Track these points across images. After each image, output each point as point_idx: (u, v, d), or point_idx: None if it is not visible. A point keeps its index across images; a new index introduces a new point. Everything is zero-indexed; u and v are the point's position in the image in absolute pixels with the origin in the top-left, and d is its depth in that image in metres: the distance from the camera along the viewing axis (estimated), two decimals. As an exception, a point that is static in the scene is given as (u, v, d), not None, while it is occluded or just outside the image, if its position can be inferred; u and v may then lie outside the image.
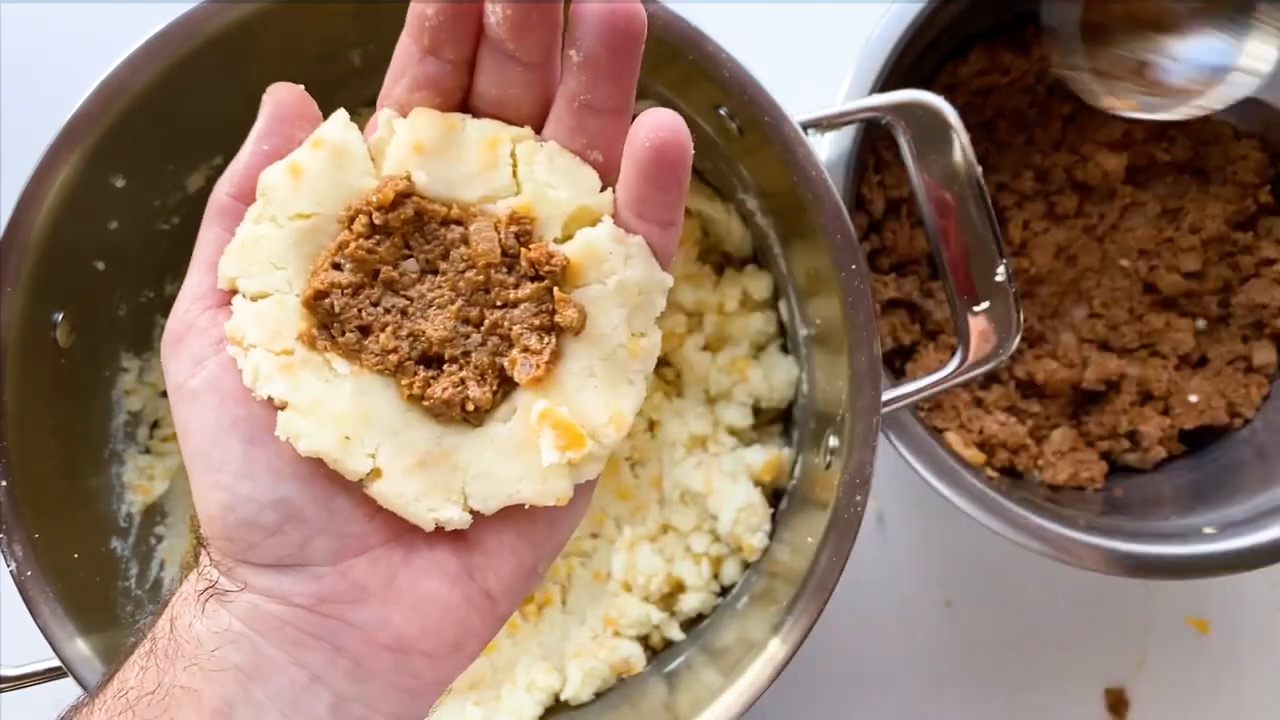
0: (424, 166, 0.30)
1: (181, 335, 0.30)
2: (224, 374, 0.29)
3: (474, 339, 0.30)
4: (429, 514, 0.30)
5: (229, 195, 0.31)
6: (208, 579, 0.29)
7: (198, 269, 0.31)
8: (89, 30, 0.63)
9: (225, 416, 0.29)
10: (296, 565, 0.29)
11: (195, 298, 0.30)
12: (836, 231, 0.45)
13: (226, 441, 0.29)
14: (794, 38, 0.65)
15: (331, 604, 0.29)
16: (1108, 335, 0.64)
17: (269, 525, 0.29)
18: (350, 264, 0.30)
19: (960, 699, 0.65)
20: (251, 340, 0.29)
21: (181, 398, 0.29)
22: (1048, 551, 0.52)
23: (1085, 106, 0.65)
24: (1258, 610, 0.66)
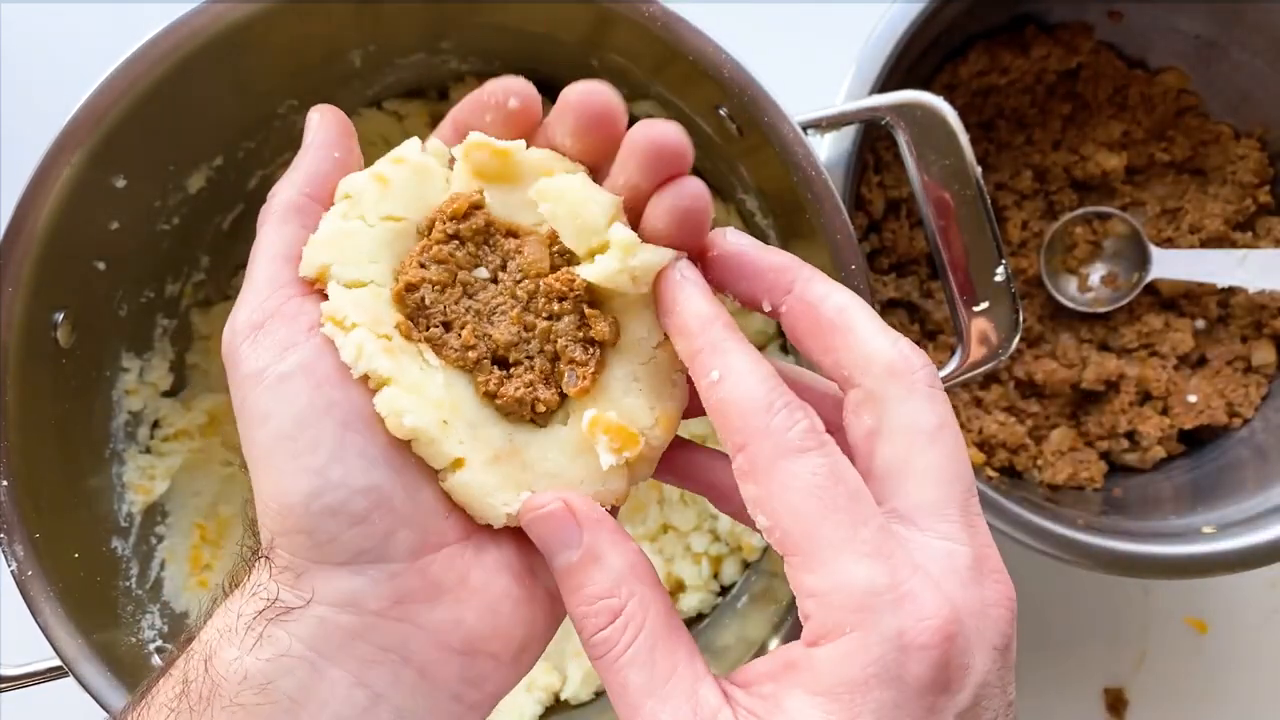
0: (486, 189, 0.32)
1: (262, 322, 0.29)
2: (318, 358, 0.29)
3: (534, 344, 0.31)
4: (503, 508, 0.30)
5: (306, 195, 0.31)
6: (264, 598, 0.28)
7: (272, 261, 0.31)
8: (89, 30, 0.63)
9: (320, 399, 0.28)
10: (376, 562, 0.29)
11: (277, 285, 0.30)
12: (836, 231, 0.45)
13: (320, 424, 0.28)
14: (794, 38, 0.65)
15: (407, 604, 0.29)
16: (1107, 335, 0.64)
17: (357, 513, 0.28)
18: (435, 264, 0.31)
19: (960, 699, 0.65)
20: (354, 320, 0.29)
21: (262, 383, 0.29)
22: (1048, 551, 0.53)
23: (1085, 106, 0.65)
24: (1257, 610, 0.66)
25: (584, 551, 0.29)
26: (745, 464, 0.28)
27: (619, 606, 0.29)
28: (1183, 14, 0.62)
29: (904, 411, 0.28)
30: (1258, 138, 0.64)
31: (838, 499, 0.27)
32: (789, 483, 0.27)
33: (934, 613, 0.26)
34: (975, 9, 0.58)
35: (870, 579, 0.26)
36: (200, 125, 0.49)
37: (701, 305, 0.30)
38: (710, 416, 0.29)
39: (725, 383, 0.28)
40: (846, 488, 0.27)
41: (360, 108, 0.56)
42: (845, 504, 0.27)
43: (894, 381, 0.28)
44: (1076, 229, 0.64)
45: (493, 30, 0.50)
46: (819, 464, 0.27)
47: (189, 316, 0.56)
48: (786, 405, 0.28)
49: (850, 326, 0.29)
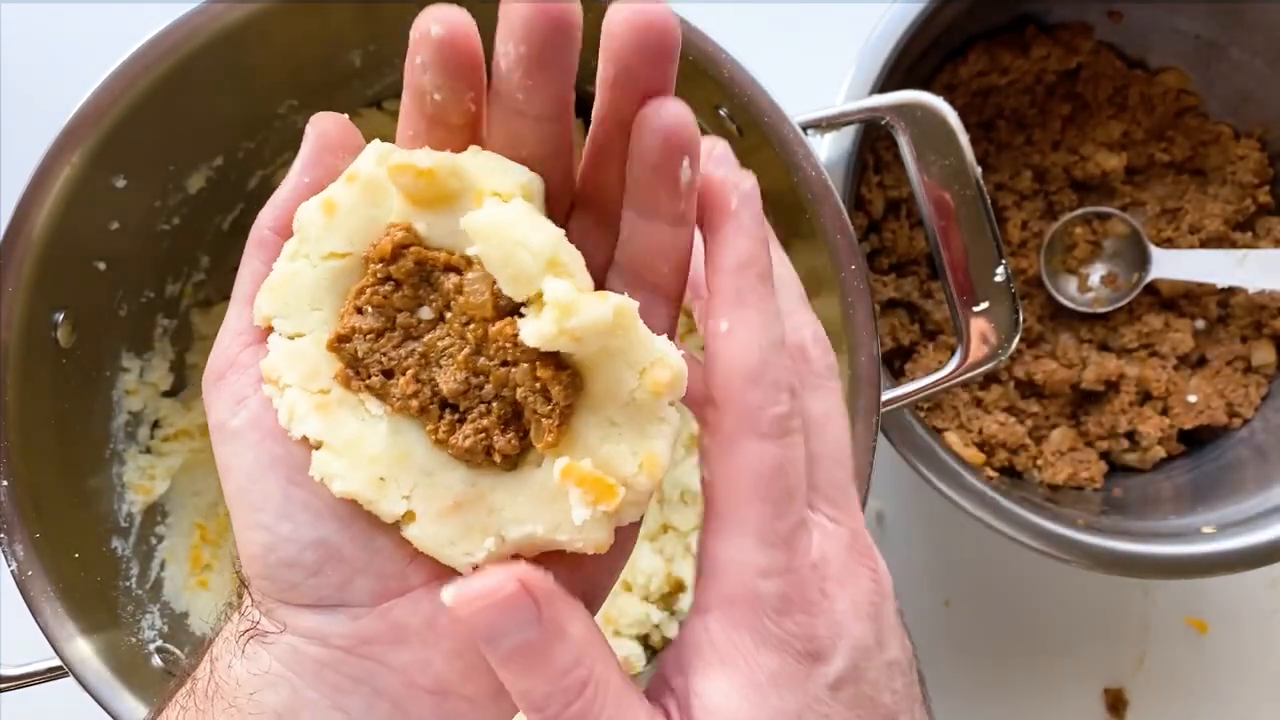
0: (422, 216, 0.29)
1: (223, 372, 0.29)
2: (264, 412, 0.29)
3: (488, 389, 0.29)
4: (465, 558, 0.29)
5: (269, 229, 0.30)
6: (249, 620, 0.29)
7: (237, 304, 0.30)
8: (89, 30, 0.63)
9: (265, 455, 0.28)
10: (336, 605, 0.29)
11: (236, 333, 0.30)
12: (836, 231, 0.45)
13: (266, 480, 0.28)
14: (794, 38, 0.65)
15: (371, 645, 0.29)
16: (1107, 335, 0.64)
17: (309, 565, 0.28)
18: (371, 309, 0.29)
19: (960, 699, 0.65)
20: (287, 380, 0.29)
21: (222, 436, 0.29)
22: (1047, 551, 0.53)
23: (1085, 106, 0.65)
24: (1257, 610, 0.66)
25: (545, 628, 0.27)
26: (714, 421, 0.28)
27: (587, 676, 0.27)
28: (1183, 14, 0.62)
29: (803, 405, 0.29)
30: (1257, 138, 0.64)
31: (771, 491, 0.28)
32: (738, 459, 0.28)
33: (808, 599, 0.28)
34: (975, 9, 0.58)
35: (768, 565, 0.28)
36: (200, 125, 0.49)
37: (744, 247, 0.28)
38: (705, 358, 0.29)
39: (729, 339, 0.28)
40: (784, 484, 0.28)
41: (360, 108, 0.56)
42: (776, 498, 0.28)
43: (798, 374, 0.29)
44: (1076, 229, 0.64)
45: (492, 31, 0.50)
46: (771, 455, 0.28)
47: (189, 316, 0.56)
48: (773, 384, 0.28)
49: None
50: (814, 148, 0.45)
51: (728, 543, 0.28)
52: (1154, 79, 0.64)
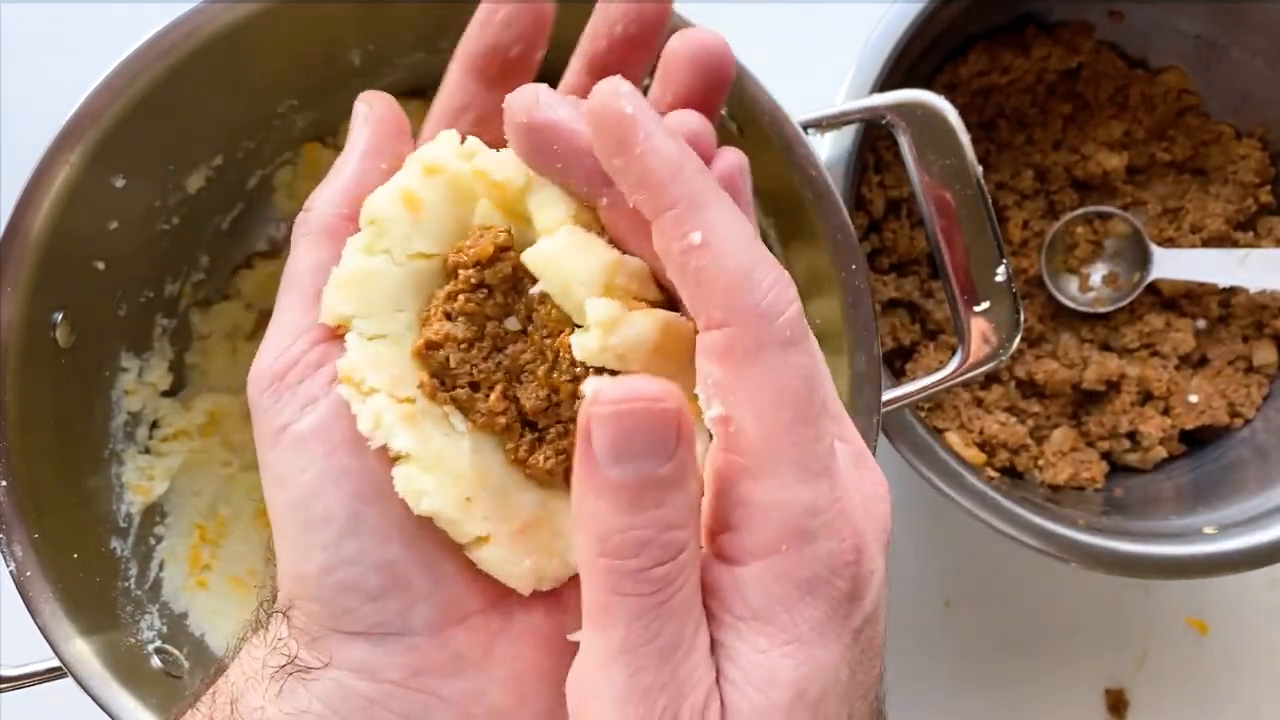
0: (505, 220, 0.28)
1: (284, 372, 0.27)
2: (335, 420, 0.26)
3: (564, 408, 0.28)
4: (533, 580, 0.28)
5: (342, 216, 0.28)
6: (284, 653, 0.27)
7: (300, 297, 0.28)
8: (89, 30, 0.63)
9: (334, 467, 0.26)
10: (393, 635, 0.26)
11: (300, 331, 0.27)
12: (836, 231, 0.45)
13: (332, 495, 0.26)
14: (794, 38, 0.65)
15: (427, 677, 0.27)
16: (1108, 335, 0.64)
17: (371, 590, 0.26)
18: (461, 317, 0.27)
19: (960, 699, 0.65)
20: (372, 384, 0.27)
21: (282, 442, 0.26)
22: (1048, 551, 0.52)
23: (1085, 106, 0.65)
24: (1258, 610, 0.66)
25: (675, 467, 0.23)
26: (721, 344, 0.24)
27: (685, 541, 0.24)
28: (1184, 14, 0.62)
29: None
30: (1259, 137, 0.64)
31: (809, 410, 0.24)
32: (766, 380, 0.24)
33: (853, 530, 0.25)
34: (975, 9, 0.58)
35: (814, 501, 0.24)
36: (200, 125, 0.49)
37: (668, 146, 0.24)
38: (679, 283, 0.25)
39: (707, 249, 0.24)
40: (818, 396, 0.24)
41: (360, 108, 0.56)
42: (814, 416, 0.24)
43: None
44: (1077, 229, 0.64)
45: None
46: (803, 364, 0.24)
47: (188, 316, 0.56)
48: (777, 281, 0.24)
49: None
50: (814, 148, 0.45)
51: (767, 482, 0.24)
52: (1155, 79, 0.64)
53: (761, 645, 0.24)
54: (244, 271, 0.57)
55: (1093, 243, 0.64)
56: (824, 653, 0.24)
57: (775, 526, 0.24)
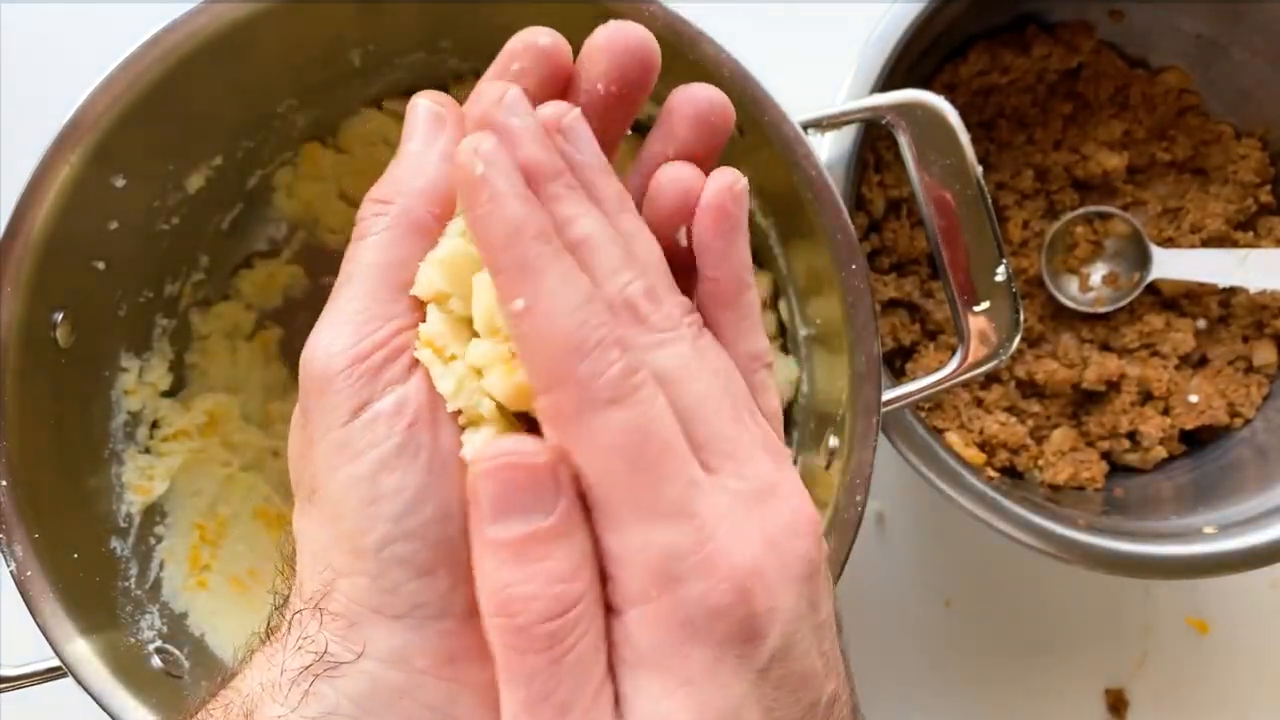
0: None
1: (367, 354, 0.27)
2: (415, 396, 0.27)
3: None
4: None
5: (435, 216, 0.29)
6: (312, 651, 0.26)
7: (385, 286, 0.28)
8: (89, 30, 0.63)
9: (412, 442, 0.26)
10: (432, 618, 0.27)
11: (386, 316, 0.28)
12: (836, 231, 0.45)
13: (407, 469, 0.26)
14: (794, 38, 0.65)
15: (459, 664, 0.27)
16: (1108, 335, 0.64)
17: (423, 564, 0.26)
18: None
19: (960, 699, 0.65)
20: (454, 352, 0.28)
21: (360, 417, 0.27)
22: (1048, 551, 0.52)
23: (1086, 105, 0.65)
24: (1258, 610, 0.66)
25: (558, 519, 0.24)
26: (549, 409, 0.25)
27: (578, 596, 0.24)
28: (1184, 13, 0.62)
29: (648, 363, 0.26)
30: (1259, 137, 0.64)
31: (642, 458, 0.24)
32: (593, 438, 0.24)
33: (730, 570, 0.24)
34: (975, 9, 0.58)
35: (672, 544, 0.24)
36: (200, 125, 0.49)
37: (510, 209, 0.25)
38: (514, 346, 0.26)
39: (530, 315, 0.25)
40: (655, 443, 0.25)
41: (360, 107, 0.56)
42: (652, 462, 0.24)
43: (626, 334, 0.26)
44: (1077, 229, 0.64)
45: (493, 30, 0.49)
46: (627, 419, 0.24)
47: (188, 316, 0.56)
48: (599, 344, 0.24)
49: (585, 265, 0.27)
50: (814, 148, 0.45)
51: (620, 532, 0.25)
52: (1155, 78, 0.64)
53: (655, 692, 0.24)
54: (244, 271, 0.57)
55: (1093, 243, 0.64)
56: (720, 695, 0.24)
57: (640, 572, 0.24)
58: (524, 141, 0.26)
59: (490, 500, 0.24)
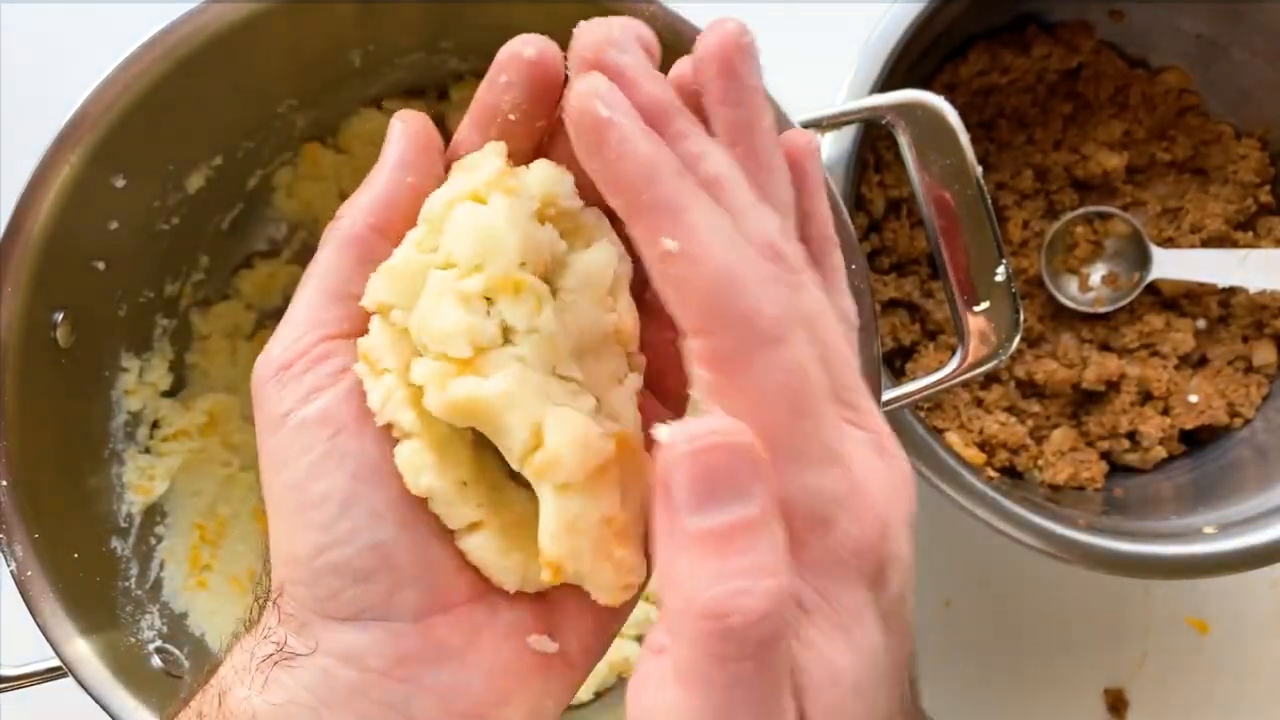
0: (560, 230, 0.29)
1: (291, 362, 0.28)
2: (340, 406, 0.27)
3: None
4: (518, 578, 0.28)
5: (370, 225, 0.29)
6: (275, 641, 0.27)
7: (318, 295, 0.28)
8: (89, 30, 0.63)
9: (335, 449, 0.27)
10: (379, 620, 0.27)
11: (314, 324, 0.28)
12: (837, 231, 0.45)
13: (332, 476, 0.27)
14: (794, 38, 0.65)
15: (410, 665, 0.27)
16: (1108, 335, 0.64)
17: (360, 570, 0.26)
18: None
19: (960, 699, 0.65)
20: (386, 365, 0.28)
21: (283, 428, 0.27)
22: (1048, 551, 0.52)
23: (1086, 105, 0.65)
24: (1258, 611, 0.66)
25: (765, 505, 0.22)
26: (706, 350, 0.23)
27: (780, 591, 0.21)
28: (1184, 13, 0.62)
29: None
30: (1259, 137, 0.64)
31: (807, 401, 0.23)
32: (754, 380, 0.23)
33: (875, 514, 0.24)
34: (976, 9, 0.58)
35: (827, 487, 0.24)
36: (200, 125, 0.49)
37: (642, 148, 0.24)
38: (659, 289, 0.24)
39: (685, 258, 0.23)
40: (815, 386, 0.24)
41: (360, 107, 0.56)
42: (815, 406, 0.24)
43: None
44: (1077, 229, 0.64)
45: (493, 30, 0.49)
46: (790, 358, 0.23)
47: (188, 316, 0.56)
48: (758, 282, 0.23)
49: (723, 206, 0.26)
50: (814, 147, 0.45)
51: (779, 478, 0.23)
52: (1155, 78, 0.64)
53: (814, 638, 0.23)
54: (244, 271, 0.57)
55: (1093, 243, 0.64)
56: (867, 636, 0.24)
57: (795, 518, 0.23)
58: (640, 80, 0.25)
59: (691, 486, 0.22)
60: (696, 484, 0.22)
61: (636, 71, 0.25)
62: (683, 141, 0.25)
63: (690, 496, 0.22)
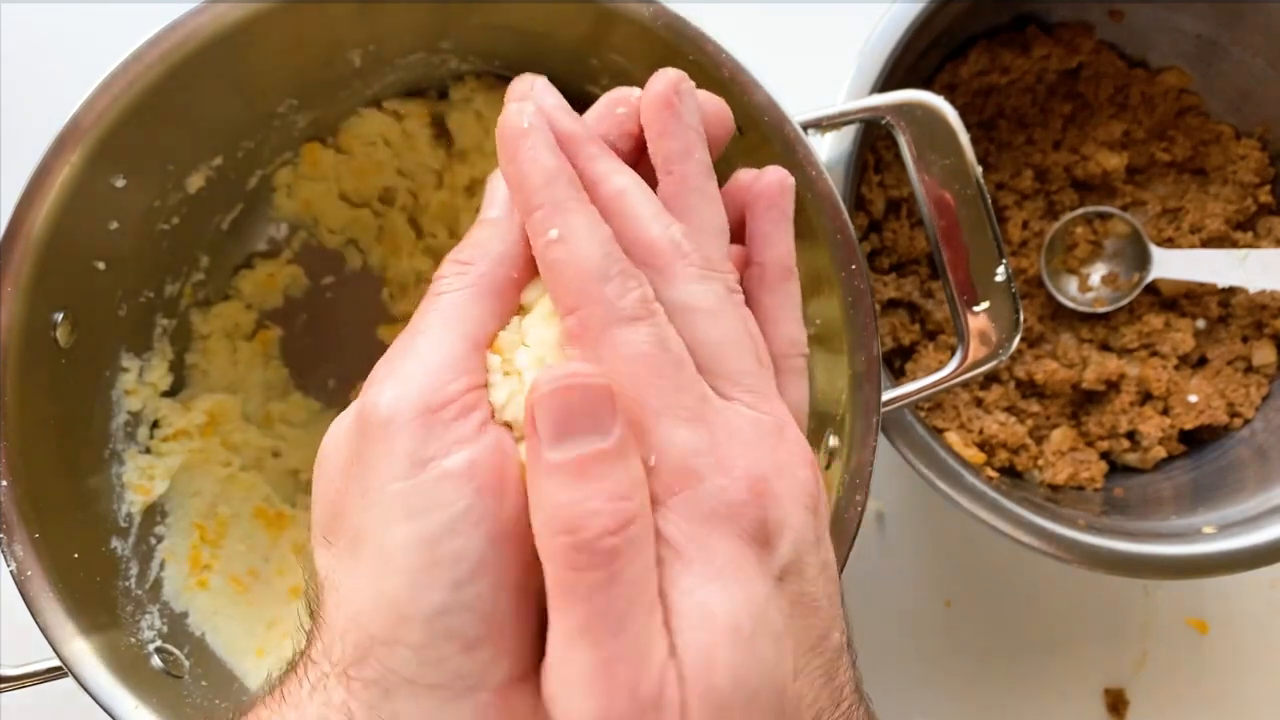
0: None
1: (439, 406, 0.27)
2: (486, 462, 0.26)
3: None
4: None
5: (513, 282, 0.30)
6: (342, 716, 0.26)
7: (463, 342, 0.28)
8: (89, 30, 0.63)
9: (477, 507, 0.26)
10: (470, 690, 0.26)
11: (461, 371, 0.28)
12: (836, 231, 0.45)
13: (471, 536, 0.25)
14: (794, 38, 0.65)
15: None
16: (1107, 335, 0.64)
17: (470, 638, 0.26)
18: None
19: (959, 699, 0.65)
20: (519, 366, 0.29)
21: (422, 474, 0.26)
22: (1048, 551, 0.52)
23: (1086, 106, 0.65)
24: (1258, 611, 0.66)
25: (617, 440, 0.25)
26: (576, 327, 0.28)
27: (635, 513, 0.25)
28: (1184, 14, 0.62)
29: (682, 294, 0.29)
30: (1259, 137, 0.64)
31: (663, 366, 0.27)
32: (619, 350, 0.27)
33: (744, 472, 0.26)
34: (975, 9, 0.58)
35: (691, 442, 0.26)
36: (200, 125, 0.49)
37: (547, 158, 0.29)
38: (543, 274, 0.29)
39: (563, 244, 0.28)
40: (671, 356, 0.27)
41: (360, 108, 0.56)
42: (670, 371, 0.27)
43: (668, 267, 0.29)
44: (1077, 229, 0.64)
45: (493, 30, 0.50)
46: (648, 333, 0.27)
47: (189, 316, 0.56)
48: (621, 273, 0.27)
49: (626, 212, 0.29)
50: (814, 148, 0.45)
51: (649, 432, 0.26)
52: (1155, 78, 0.64)
53: (691, 585, 0.25)
54: (244, 271, 0.57)
55: (1092, 243, 0.64)
56: (745, 588, 0.25)
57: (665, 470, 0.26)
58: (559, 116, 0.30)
59: (551, 422, 0.25)
60: (556, 419, 0.25)
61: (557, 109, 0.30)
62: (592, 163, 0.30)
63: (550, 430, 0.25)
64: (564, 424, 0.25)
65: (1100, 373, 0.62)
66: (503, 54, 0.53)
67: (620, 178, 0.30)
